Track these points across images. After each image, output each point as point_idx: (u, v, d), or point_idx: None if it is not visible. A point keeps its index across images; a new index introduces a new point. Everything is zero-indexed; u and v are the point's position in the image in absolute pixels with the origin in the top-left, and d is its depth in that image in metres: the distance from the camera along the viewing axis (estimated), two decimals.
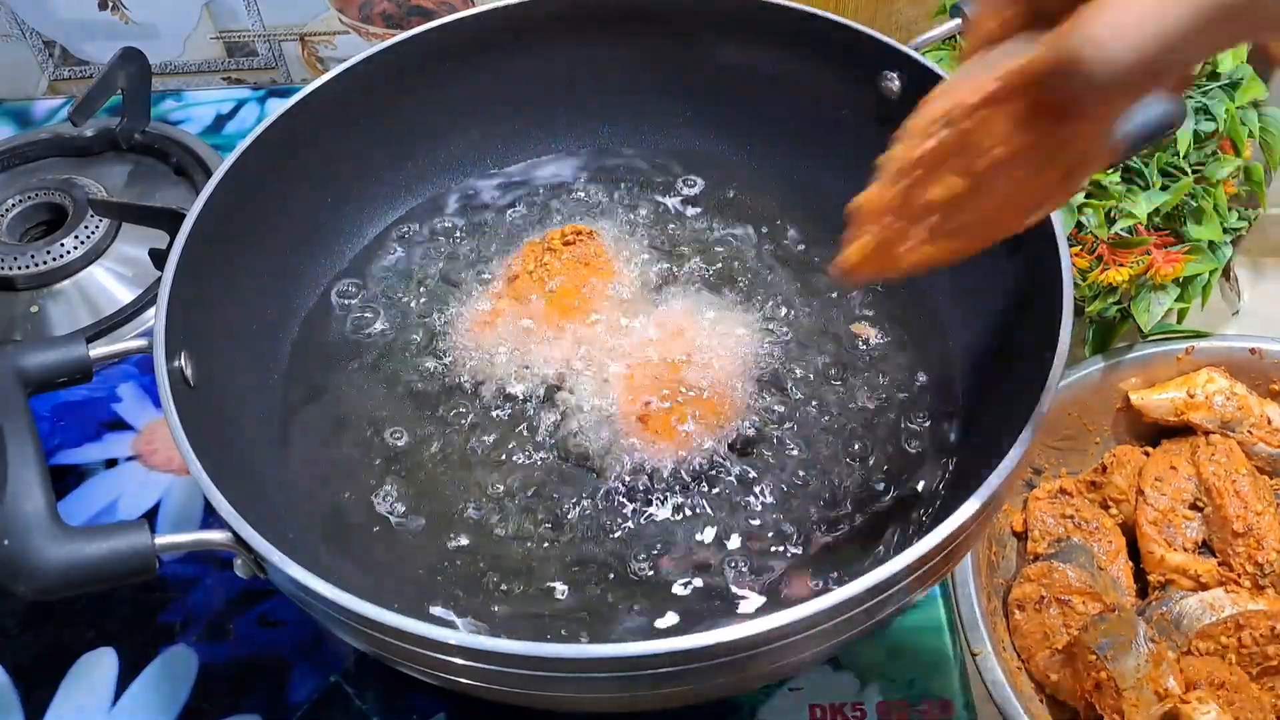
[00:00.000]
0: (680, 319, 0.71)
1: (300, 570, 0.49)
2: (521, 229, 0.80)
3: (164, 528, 0.77)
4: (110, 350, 0.59)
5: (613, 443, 0.65)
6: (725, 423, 0.66)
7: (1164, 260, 0.77)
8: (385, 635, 0.49)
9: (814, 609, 0.46)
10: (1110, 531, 0.76)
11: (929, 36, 0.70)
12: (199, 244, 0.64)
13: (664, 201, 0.81)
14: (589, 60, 0.81)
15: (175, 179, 1.02)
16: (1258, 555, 0.71)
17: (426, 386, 0.71)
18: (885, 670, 0.68)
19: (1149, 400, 0.79)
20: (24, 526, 0.49)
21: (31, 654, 0.72)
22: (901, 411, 0.68)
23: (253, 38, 1.13)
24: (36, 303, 0.92)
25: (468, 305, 0.75)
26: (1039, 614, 0.72)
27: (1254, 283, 0.99)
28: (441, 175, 0.84)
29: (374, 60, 0.75)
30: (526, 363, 0.70)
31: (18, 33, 1.13)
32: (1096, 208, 0.77)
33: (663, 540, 0.62)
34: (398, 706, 0.68)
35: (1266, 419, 0.78)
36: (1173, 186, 0.78)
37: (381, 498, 0.66)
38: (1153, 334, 0.81)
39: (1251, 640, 0.67)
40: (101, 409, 0.85)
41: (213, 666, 0.71)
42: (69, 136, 1.04)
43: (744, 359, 0.69)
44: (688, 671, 0.48)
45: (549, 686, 0.50)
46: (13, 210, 0.96)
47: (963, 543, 0.52)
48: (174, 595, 0.74)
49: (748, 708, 0.67)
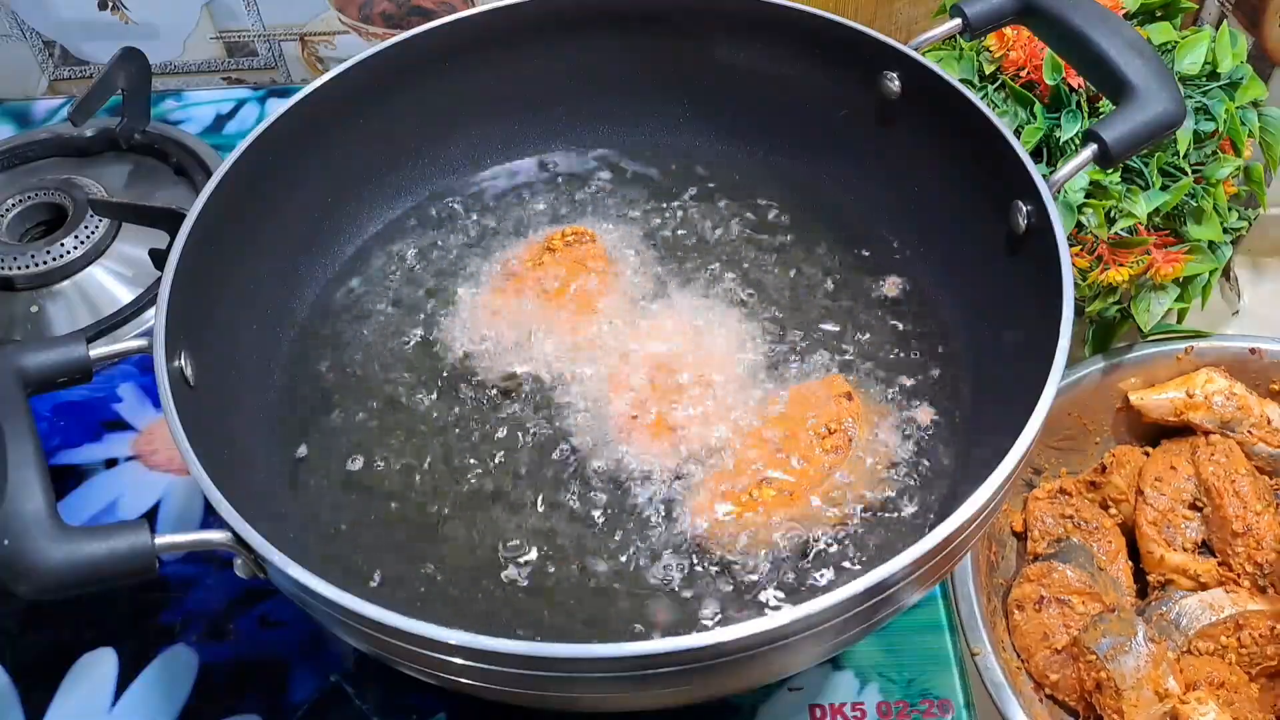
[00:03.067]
0: (678, 319, 0.71)
1: (300, 570, 0.49)
2: (521, 229, 0.80)
3: (164, 528, 0.77)
4: (110, 350, 0.59)
5: (609, 443, 0.65)
6: (720, 422, 0.66)
7: (1164, 260, 0.77)
8: (385, 635, 0.49)
9: (814, 609, 0.46)
10: (1110, 531, 0.76)
11: (929, 36, 0.70)
12: (199, 244, 0.63)
13: (663, 202, 0.81)
14: (589, 60, 0.81)
15: (175, 179, 1.02)
16: (1257, 555, 0.71)
17: (426, 386, 0.71)
18: (885, 670, 0.68)
19: (1149, 400, 0.79)
20: (24, 526, 0.49)
21: (31, 654, 0.72)
22: (902, 411, 0.68)
23: (253, 38, 1.13)
24: (36, 303, 0.92)
25: (467, 305, 0.75)
26: (1039, 614, 0.72)
27: (1254, 283, 0.99)
28: (441, 175, 0.84)
29: (374, 60, 0.75)
30: (525, 363, 0.70)
31: (18, 33, 1.13)
32: (1096, 208, 0.77)
33: (655, 539, 0.62)
34: (398, 706, 0.68)
35: (1266, 419, 0.78)
36: (1173, 186, 0.78)
37: (384, 494, 0.66)
38: (1153, 334, 0.81)
39: (1251, 640, 0.68)
40: (101, 409, 0.85)
41: (213, 666, 0.71)
42: (69, 136, 1.04)
43: (742, 360, 0.69)
44: (688, 671, 0.48)
45: (549, 686, 0.50)
46: (13, 210, 0.96)
47: (963, 543, 0.52)
48: (174, 595, 0.74)
49: (748, 708, 0.67)
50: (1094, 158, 0.62)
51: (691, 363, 0.68)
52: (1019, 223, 0.63)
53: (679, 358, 0.68)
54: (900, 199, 0.75)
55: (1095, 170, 0.75)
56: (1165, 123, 0.62)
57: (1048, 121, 0.80)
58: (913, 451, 0.66)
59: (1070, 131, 0.78)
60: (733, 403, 0.67)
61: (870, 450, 0.65)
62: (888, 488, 0.64)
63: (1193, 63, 0.81)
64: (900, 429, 0.66)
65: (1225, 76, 0.81)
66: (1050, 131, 0.79)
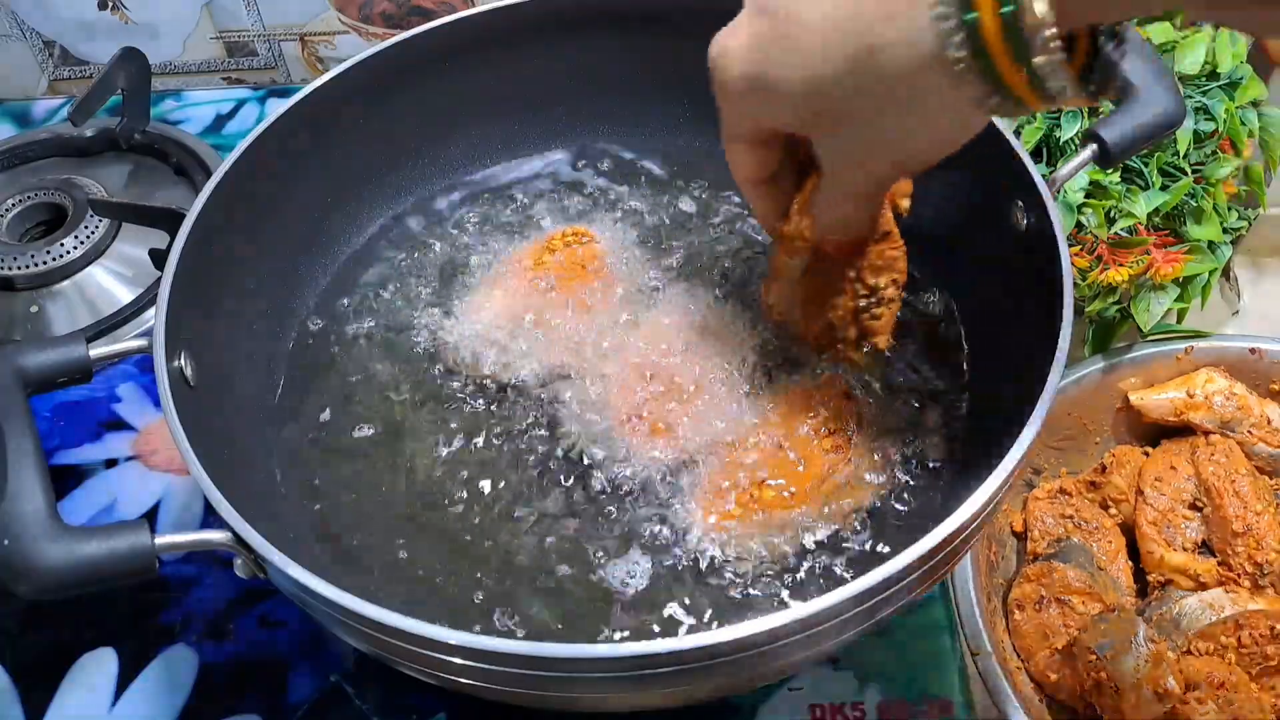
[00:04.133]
0: (678, 320, 0.71)
1: (300, 570, 0.49)
2: (520, 229, 0.80)
3: (164, 528, 0.77)
4: (110, 350, 0.59)
5: (608, 442, 0.65)
6: (720, 423, 0.66)
7: (1164, 260, 0.77)
8: (385, 635, 0.49)
9: (814, 609, 0.46)
10: (1110, 531, 0.76)
11: None
12: (199, 244, 0.64)
13: (663, 203, 0.81)
14: (589, 60, 0.81)
15: (175, 179, 1.02)
16: (1257, 555, 0.71)
17: (425, 385, 0.71)
18: (885, 670, 0.68)
19: (1149, 400, 0.79)
20: (24, 526, 0.49)
21: (31, 654, 0.72)
22: (901, 410, 0.68)
23: (253, 38, 1.13)
24: (36, 303, 0.92)
25: (467, 305, 0.75)
26: (1039, 614, 0.72)
27: (1254, 283, 0.99)
28: (441, 175, 0.84)
29: (374, 60, 0.75)
30: (525, 363, 0.70)
31: (18, 33, 1.13)
32: (1096, 208, 0.77)
33: (655, 539, 0.62)
34: (398, 706, 0.68)
35: (1266, 419, 0.78)
36: (1172, 186, 0.78)
37: (383, 495, 0.66)
38: (1152, 334, 0.81)
39: (1251, 640, 0.67)
40: (101, 409, 0.85)
41: (213, 666, 0.71)
42: (69, 136, 1.04)
43: (741, 360, 0.69)
44: (688, 671, 0.48)
45: (549, 686, 0.50)
46: (13, 210, 0.96)
47: (963, 543, 0.52)
48: (174, 595, 0.74)
49: (748, 708, 0.67)
50: (1094, 158, 0.62)
51: (691, 363, 0.68)
52: (1019, 223, 0.63)
53: (678, 358, 0.68)
54: None
55: (1095, 170, 0.75)
56: (1165, 123, 0.62)
57: (1048, 121, 0.80)
58: (912, 451, 0.66)
59: (1070, 131, 0.78)
60: (732, 403, 0.66)
61: (870, 450, 0.65)
62: (887, 487, 0.64)
63: (1193, 63, 0.81)
64: (900, 429, 0.66)
65: (1225, 76, 0.81)
66: (1050, 131, 0.79)
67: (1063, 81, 0.43)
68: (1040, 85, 0.43)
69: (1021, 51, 0.42)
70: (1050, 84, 0.43)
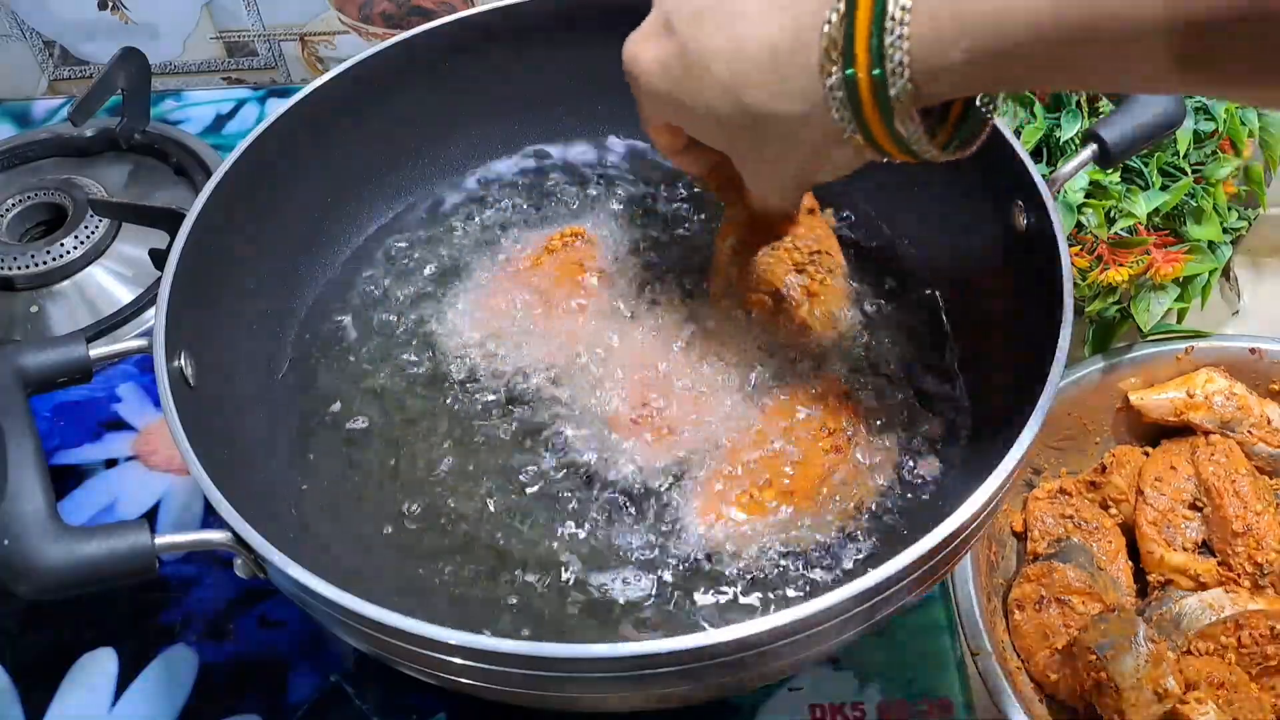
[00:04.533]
0: (678, 320, 0.71)
1: (300, 570, 0.49)
2: (520, 230, 0.80)
3: (164, 528, 0.77)
4: (110, 350, 0.59)
5: (605, 445, 0.65)
6: (720, 423, 0.66)
7: (1164, 260, 0.78)
8: (385, 635, 0.49)
9: (814, 609, 0.46)
10: (1110, 531, 0.76)
11: None
12: (199, 244, 0.64)
13: (663, 203, 0.81)
14: (589, 60, 0.81)
15: (175, 179, 1.02)
16: (1257, 555, 0.71)
17: (425, 385, 0.71)
18: (885, 670, 0.68)
19: (1149, 400, 0.79)
20: (24, 526, 0.49)
21: (31, 654, 0.72)
22: (901, 410, 0.68)
23: (253, 38, 1.13)
24: (36, 303, 0.92)
25: (467, 305, 0.75)
26: (1039, 614, 0.72)
27: (1254, 283, 0.99)
28: (440, 175, 0.84)
29: (374, 60, 0.75)
30: (523, 363, 0.70)
31: (18, 33, 1.13)
32: (1096, 208, 0.77)
33: (654, 539, 0.62)
34: (398, 706, 0.68)
35: (1266, 419, 0.78)
36: (1172, 186, 0.78)
37: (382, 496, 0.66)
38: (1152, 334, 0.81)
39: (1251, 640, 0.68)
40: (101, 409, 0.85)
41: (213, 666, 0.71)
42: (69, 136, 1.04)
43: (741, 360, 0.69)
44: (688, 671, 0.48)
45: (548, 686, 0.50)
46: (13, 210, 0.96)
47: (963, 543, 0.52)
48: (174, 595, 0.74)
49: (748, 708, 0.67)
50: (1094, 158, 0.62)
51: (690, 364, 0.68)
52: (1019, 222, 0.63)
53: (678, 359, 0.68)
54: (899, 199, 0.75)
55: (1095, 170, 0.75)
56: (1165, 122, 0.62)
57: (1048, 121, 0.80)
58: (912, 451, 0.66)
59: (1070, 131, 0.78)
60: (732, 404, 0.66)
61: (870, 450, 0.65)
62: (887, 487, 0.64)
63: None
64: (900, 429, 0.66)
65: None
66: (1050, 131, 0.79)
67: (924, 146, 0.50)
68: (903, 143, 0.50)
69: (887, 116, 0.48)
70: (913, 146, 0.50)
